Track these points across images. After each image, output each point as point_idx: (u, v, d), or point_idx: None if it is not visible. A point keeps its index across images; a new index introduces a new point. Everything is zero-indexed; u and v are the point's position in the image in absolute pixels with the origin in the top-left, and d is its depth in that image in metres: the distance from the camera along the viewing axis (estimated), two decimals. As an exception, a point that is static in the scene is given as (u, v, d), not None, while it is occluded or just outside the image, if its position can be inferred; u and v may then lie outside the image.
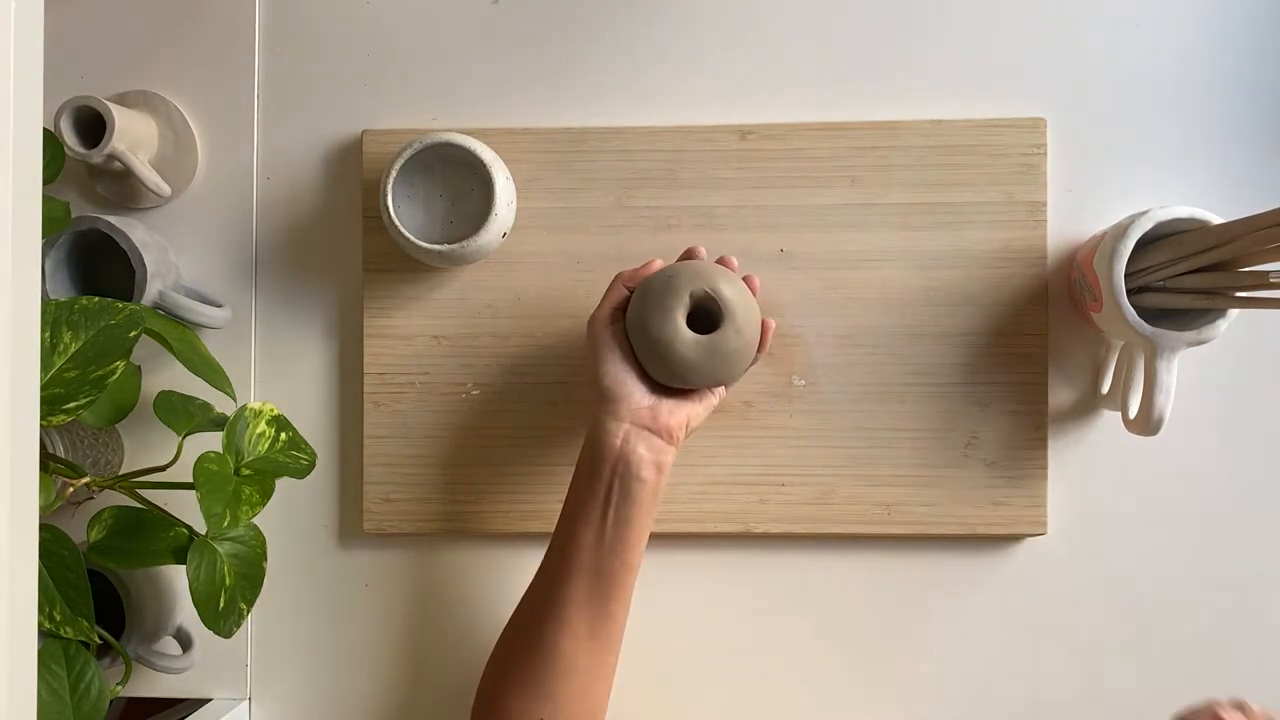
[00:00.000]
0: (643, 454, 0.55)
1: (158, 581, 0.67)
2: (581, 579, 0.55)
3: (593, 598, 0.55)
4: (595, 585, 0.55)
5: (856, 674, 0.68)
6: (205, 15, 0.70)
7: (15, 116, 0.36)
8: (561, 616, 0.55)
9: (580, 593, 0.55)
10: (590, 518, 0.55)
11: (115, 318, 0.53)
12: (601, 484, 0.55)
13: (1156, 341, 0.57)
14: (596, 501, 0.55)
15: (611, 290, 0.60)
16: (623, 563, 0.55)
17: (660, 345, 0.56)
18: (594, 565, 0.55)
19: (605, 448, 0.55)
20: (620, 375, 0.57)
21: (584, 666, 0.55)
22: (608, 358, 0.57)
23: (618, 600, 0.56)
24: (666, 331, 0.56)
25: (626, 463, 0.55)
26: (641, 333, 0.57)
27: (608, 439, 0.56)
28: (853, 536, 0.67)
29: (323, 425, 0.69)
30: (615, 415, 0.56)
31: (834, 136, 0.66)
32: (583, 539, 0.55)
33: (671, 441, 0.57)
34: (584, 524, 0.55)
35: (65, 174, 0.65)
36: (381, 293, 0.68)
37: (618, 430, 0.56)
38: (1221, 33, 0.66)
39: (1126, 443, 0.63)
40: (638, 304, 0.58)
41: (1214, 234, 0.55)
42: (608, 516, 0.55)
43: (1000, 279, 0.66)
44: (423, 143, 0.62)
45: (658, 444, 0.56)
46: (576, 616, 0.55)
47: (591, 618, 0.55)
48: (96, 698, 0.54)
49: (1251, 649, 0.67)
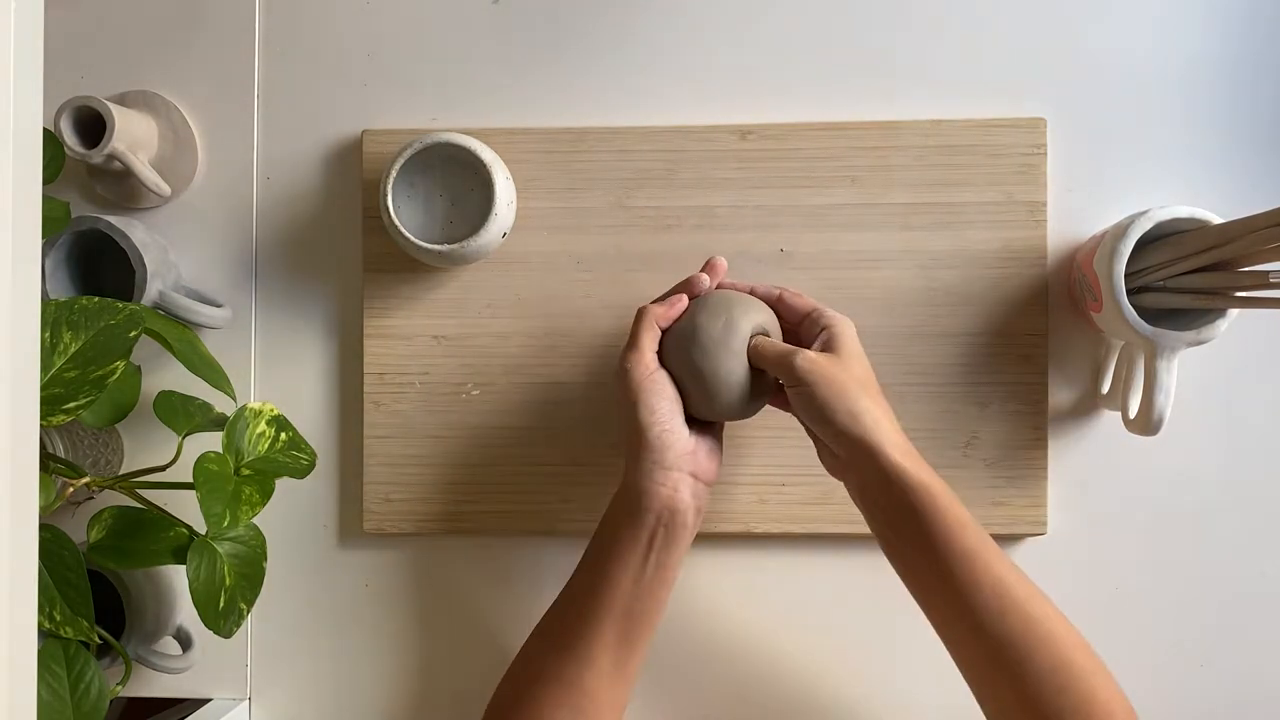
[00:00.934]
0: (689, 501, 0.55)
1: (158, 581, 0.67)
2: (614, 620, 0.54)
3: (622, 637, 0.54)
4: (627, 625, 0.54)
5: (856, 673, 0.68)
6: (205, 16, 0.70)
7: (15, 116, 0.36)
8: (589, 654, 0.54)
9: (610, 633, 0.54)
10: (630, 562, 0.54)
11: (115, 318, 0.53)
12: (645, 530, 0.54)
13: (1156, 341, 0.57)
14: (638, 547, 0.54)
15: (645, 332, 0.57)
16: (656, 603, 0.55)
17: (730, 388, 0.56)
18: (627, 607, 0.54)
19: (652, 497, 0.54)
20: (670, 422, 0.55)
21: (604, 700, 0.55)
22: (655, 405, 0.55)
23: (645, 639, 0.55)
24: (735, 373, 0.56)
25: (674, 510, 0.54)
26: (706, 375, 0.56)
27: (656, 488, 0.54)
28: (853, 536, 0.67)
29: (323, 425, 0.69)
30: (663, 464, 0.55)
31: (834, 136, 0.66)
32: (619, 582, 0.54)
33: (710, 484, 0.57)
34: (621, 568, 0.55)
35: (65, 174, 0.65)
36: (381, 293, 0.68)
37: (666, 480, 0.54)
38: (1222, 33, 0.66)
39: (1126, 443, 0.63)
40: (691, 348, 0.56)
41: (1214, 234, 0.55)
42: (649, 561, 0.54)
43: (1000, 279, 0.66)
44: (423, 143, 0.62)
45: (701, 489, 0.56)
46: (603, 655, 0.54)
47: (617, 655, 0.55)
48: (96, 698, 0.54)
49: (1252, 649, 0.67)
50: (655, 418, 0.55)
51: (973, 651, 0.51)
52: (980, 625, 0.49)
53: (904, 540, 0.52)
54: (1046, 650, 0.48)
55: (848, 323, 0.58)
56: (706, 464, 0.56)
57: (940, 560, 0.50)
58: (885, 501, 0.52)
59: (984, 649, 0.50)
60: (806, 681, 0.68)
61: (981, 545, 0.51)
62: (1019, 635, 0.49)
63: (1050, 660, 0.48)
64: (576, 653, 0.55)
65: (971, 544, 0.50)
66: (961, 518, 0.51)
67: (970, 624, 0.50)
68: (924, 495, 0.51)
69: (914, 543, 0.51)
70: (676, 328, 0.58)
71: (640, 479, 0.55)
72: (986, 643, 0.49)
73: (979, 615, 0.49)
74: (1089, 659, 0.49)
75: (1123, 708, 0.48)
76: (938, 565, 0.50)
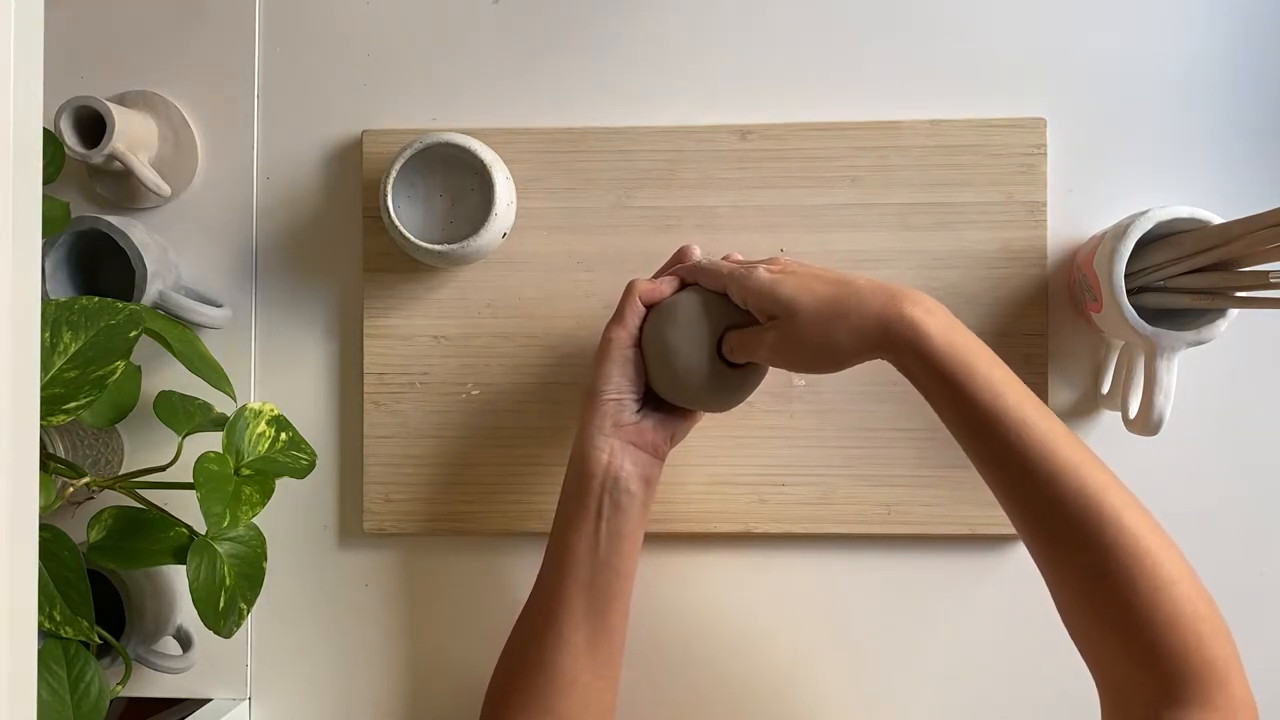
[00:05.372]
0: (630, 468, 0.56)
1: (158, 581, 0.67)
2: (578, 593, 0.55)
3: (590, 611, 0.55)
4: (592, 598, 0.55)
5: (856, 674, 0.68)
6: (205, 15, 0.70)
7: (15, 116, 0.36)
8: (560, 632, 0.55)
9: (577, 607, 0.55)
10: (583, 531, 0.56)
11: (115, 318, 0.53)
12: (592, 498, 0.56)
13: (1156, 341, 0.57)
14: (588, 515, 0.56)
15: (630, 306, 0.58)
16: (617, 574, 0.56)
17: (690, 374, 0.56)
18: (589, 578, 0.55)
19: (592, 463, 0.56)
20: (622, 392, 0.56)
21: (585, 680, 0.55)
22: (612, 374, 0.56)
23: (615, 612, 0.56)
24: (697, 361, 0.56)
25: (615, 478, 0.55)
26: (670, 357, 0.56)
27: (594, 453, 0.56)
28: (853, 536, 0.67)
29: (323, 425, 0.69)
30: (602, 430, 0.56)
31: (834, 136, 0.66)
32: (577, 552, 0.56)
33: (658, 456, 0.57)
34: (577, 537, 0.56)
35: (65, 174, 0.65)
36: (381, 293, 0.68)
37: (604, 445, 0.56)
38: (1222, 33, 0.66)
39: (1126, 443, 0.63)
40: (666, 327, 0.57)
41: (1214, 234, 0.55)
42: (600, 530, 0.55)
43: (1000, 279, 0.66)
44: (423, 143, 0.62)
45: (644, 458, 0.57)
46: (574, 631, 0.55)
47: (590, 631, 0.55)
48: (96, 698, 0.54)
49: (1252, 649, 0.67)
50: (609, 385, 0.56)
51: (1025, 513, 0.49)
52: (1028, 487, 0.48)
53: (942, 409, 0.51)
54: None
55: (777, 283, 0.53)
56: (651, 437, 0.57)
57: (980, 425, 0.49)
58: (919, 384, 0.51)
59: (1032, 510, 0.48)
60: (806, 681, 0.68)
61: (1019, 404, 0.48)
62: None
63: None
64: (550, 633, 0.55)
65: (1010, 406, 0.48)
66: (992, 383, 0.48)
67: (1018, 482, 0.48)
68: (949, 376, 0.48)
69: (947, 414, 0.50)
70: (659, 304, 0.58)
71: (583, 443, 0.56)
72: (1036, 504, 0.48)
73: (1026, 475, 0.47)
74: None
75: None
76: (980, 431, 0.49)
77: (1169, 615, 0.44)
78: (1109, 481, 0.47)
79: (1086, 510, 0.46)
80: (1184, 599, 0.45)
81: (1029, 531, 0.49)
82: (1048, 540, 0.48)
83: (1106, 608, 0.46)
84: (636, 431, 0.57)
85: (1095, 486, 0.46)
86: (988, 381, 0.48)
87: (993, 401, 0.48)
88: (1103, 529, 0.45)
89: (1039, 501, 0.47)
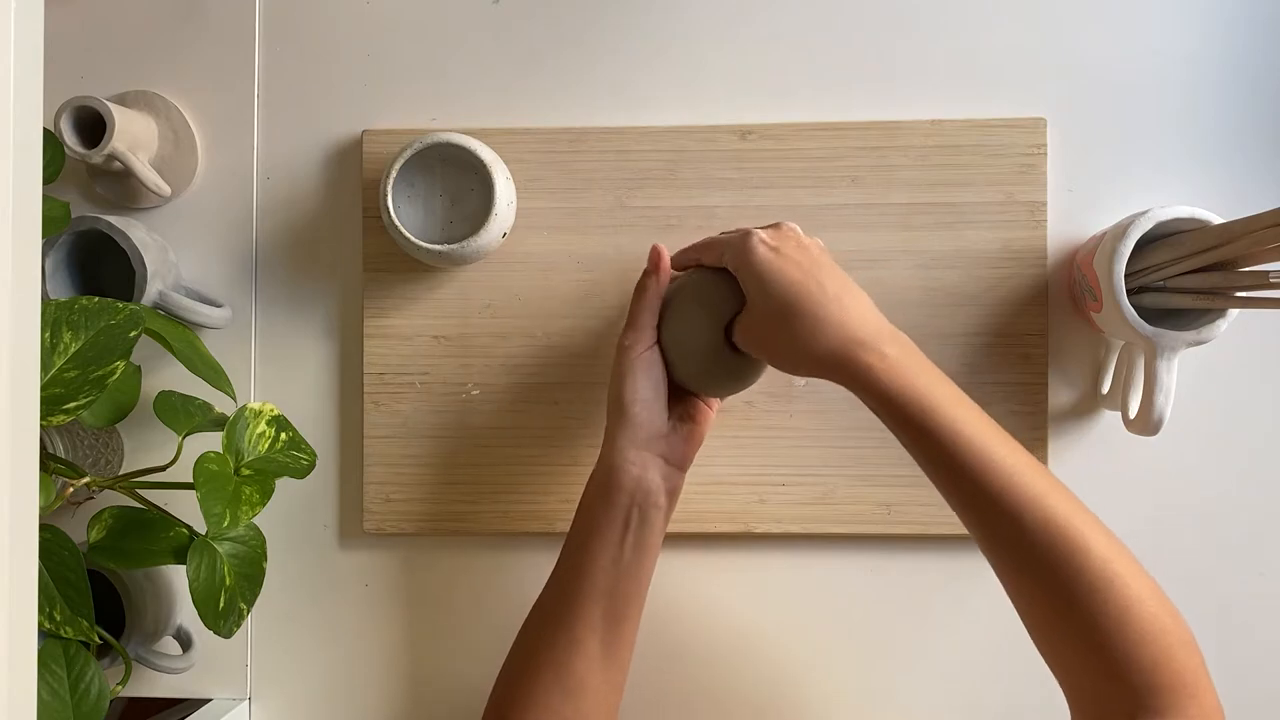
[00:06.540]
0: (659, 482, 0.56)
1: (158, 581, 0.67)
2: (597, 600, 0.55)
3: (607, 619, 0.55)
4: (611, 606, 0.55)
5: (856, 674, 0.68)
6: (205, 15, 0.70)
7: (15, 116, 0.36)
8: (575, 636, 0.55)
9: (595, 614, 0.55)
10: (608, 540, 0.55)
11: (115, 318, 0.53)
12: (619, 510, 0.55)
13: (1156, 341, 0.57)
14: (614, 525, 0.55)
15: (644, 311, 0.58)
16: (638, 585, 0.56)
17: (702, 359, 0.57)
18: (610, 587, 0.55)
19: (624, 475, 0.55)
20: (651, 402, 0.57)
21: (595, 684, 0.55)
22: (639, 384, 0.56)
23: (631, 620, 0.56)
24: (706, 344, 0.57)
25: (646, 491, 0.55)
26: (680, 346, 0.57)
27: (627, 466, 0.56)
28: (853, 536, 0.67)
29: (323, 425, 0.69)
30: (635, 443, 0.56)
31: (834, 136, 0.66)
32: (600, 561, 0.55)
33: (683, 469, 0.58)
34: (601, 545, 0.55)
35: (65, 174, 0.65)
36: (381, 293, 0.68)
37: (637, 459, 0.56)
38: (1222, 33, 0.66)
39: (1126, 443, 0.63)
40: (670, 318, 0.57)
41: (1214, 234, 0.55)
42: (626, 540, 0.55)
43: (1000, 279, 0.66)
44: (423, 143, 0.62)
45: (672, 472, 0.57)
46: (590, 636, 0.55)
47: (605, 637, 0.55)
48: (96, 698, 0.54)
49: (1252, 649, 0.67)
50: (637, 395, 0.56)
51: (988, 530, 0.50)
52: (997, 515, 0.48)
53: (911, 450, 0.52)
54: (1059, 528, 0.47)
55: (752, 251, 0.54)
56: (680, 449, 0.57)
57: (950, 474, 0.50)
58: (875, 409, 0.52)
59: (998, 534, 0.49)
60: (806, 681, 0.68)
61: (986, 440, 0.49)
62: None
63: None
64: (564, 636, 0.55)
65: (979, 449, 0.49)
66: (952, 420, 0.49)
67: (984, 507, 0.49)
68: (908, 411, 0.50)
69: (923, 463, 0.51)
70: (665, 297, 0.59)
71: (613, 455, 0.56)
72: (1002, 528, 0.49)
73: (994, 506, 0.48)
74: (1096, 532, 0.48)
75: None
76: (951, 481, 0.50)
77: (1138, 633, 0.45)
78: (1074, 509, 0.48)
79: (1053, 541, 0.47)
80: (1150, 617, 0.45)
81: (996, 562, 0.50)
82: (1016, 570, 0.49)
83: (1077, 631, 0.46)
84: (667, 445, 0.57)
85: (1061, 516, 0.47)
86: (949, 421, 0.49)
87: (954, 441, 0.49)
88: (1070, 557, 0.46)
89: (1006, 534, 0.48)
